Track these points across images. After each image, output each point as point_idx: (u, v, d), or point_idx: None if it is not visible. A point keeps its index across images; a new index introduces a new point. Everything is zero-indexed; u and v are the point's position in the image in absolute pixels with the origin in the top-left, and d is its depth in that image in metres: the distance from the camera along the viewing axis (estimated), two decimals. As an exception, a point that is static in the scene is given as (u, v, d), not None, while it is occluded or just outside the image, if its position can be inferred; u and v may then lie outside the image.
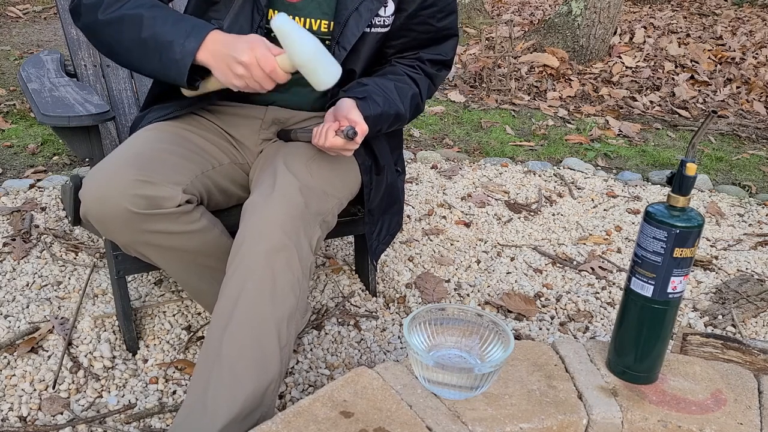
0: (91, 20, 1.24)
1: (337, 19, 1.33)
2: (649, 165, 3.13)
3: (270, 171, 1.27)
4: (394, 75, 1.43)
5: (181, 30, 1.17)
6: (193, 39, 1.17)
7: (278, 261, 1.15)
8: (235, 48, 1.15)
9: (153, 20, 1.19)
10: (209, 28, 1.18)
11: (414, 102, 1.44)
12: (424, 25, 1.44)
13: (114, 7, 1.22)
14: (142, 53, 1.21)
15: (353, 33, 1.33)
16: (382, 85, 1.38)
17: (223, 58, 1.16)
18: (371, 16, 1.34)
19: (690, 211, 1.06)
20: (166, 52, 1.17)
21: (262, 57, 1.14)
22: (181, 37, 1.17)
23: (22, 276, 1.86)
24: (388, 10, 1.37)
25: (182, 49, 1.16)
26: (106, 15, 1.22)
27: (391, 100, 1.37)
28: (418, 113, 1.50)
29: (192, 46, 1.16)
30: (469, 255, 2.16)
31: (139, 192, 1.16)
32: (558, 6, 6.22)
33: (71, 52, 1.79)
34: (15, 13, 5.26)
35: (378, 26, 1.37)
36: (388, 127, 1.41)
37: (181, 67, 1.17)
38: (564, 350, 1.22)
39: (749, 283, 2.05)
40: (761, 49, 5.12)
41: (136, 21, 1.20)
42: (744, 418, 1.08)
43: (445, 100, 3.89)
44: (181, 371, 1.54)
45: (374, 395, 1.07)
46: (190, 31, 1.17)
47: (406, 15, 1.40)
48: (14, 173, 2.55)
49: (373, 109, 1.32)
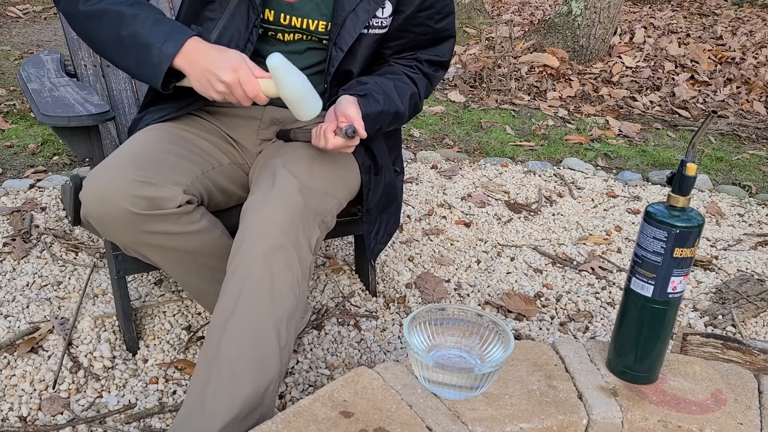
0: (72, 9, 1.25)
1: (334, 20, 1.33)
2: (649, 165, 3.13)
3: (269, 171, 1.27)
4: (393, 74, 1.43)
5: (159, 33, 1.18)
6: (171, 44, 1.17)
7: (277, 261, 1.14)
8: (217, 65, 1.15)
9: (133, 19, 1.19)
10: (188, 34, 1.19)
11: (413, 101, 1.45)
12: (423, 27, 1.44)
13: (95, 0, 1.22)
14: (120, 51, 1.21)
15: (350, 34, 1.33)
16: (382, 83, 1.38)
17: (203, 72, 1.17)
18: (368, 18, 1.34)
19: (690, 211, 1.06)
20: (144, 53, 1.18)
21: (246, 81, 1.16)
22: (159, 41, 1.17)
23: (22, 276, 1.86)
24: (386, 11, 1.37)
25: (159, 53, 1.17)
26: (87, 6, 1.22)
27: (391, 98, 1.37)
28: (416, 113, 1.50)
29: (169, 51, 1.17)
30: (469, 255, 2.16)
31: (139, 193, 1.16)
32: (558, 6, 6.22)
33: (71, 52, 1.79)
34: (15, 13, 5.26)
35: (375, 27, 1.37)
36: (388, 126, 1.41)
37: (158, 71, 1.18)
38: (564, 350, 1.22)
39: (749, 283, 2.05)
40: (761, 49, 5.12)
41: (116, 17, 1.20)
42: (744, 418, 1.08)
43: (445, 100, 3.89)
44: (181, 371, 1.54)
45: (374, 395, 1.07)
46: (168, 35, 1.18)
47: (404, 17, 1.40)
48: (14, 173, 2.55)
49: (373, 107, 1.32)
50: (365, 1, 1.32)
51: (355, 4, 1.32)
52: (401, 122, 1.45)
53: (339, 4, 1.32)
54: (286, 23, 1.34)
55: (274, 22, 1.34)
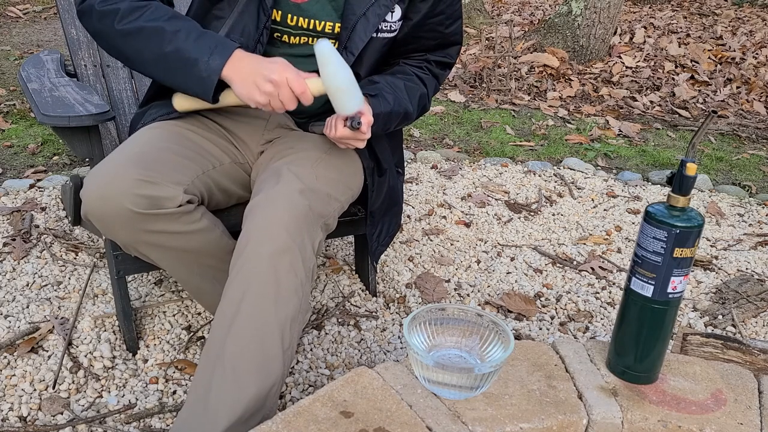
0: (106, 29, 1.24)
1: (345, 24, 1.33)
2: (649, 165, 3.13)
3: (274, 172, 1.27)
4: (404, 75, 1.44)
5: (204, 47, 1.19)
6: (217, 56, 1.18)
7: (282, 263, 1.14)
8: (265, 67, 1.18)
9: (175, 35, 1.19)
10: (233, 47, 1.20)
11: (422, 102, 1.46)
12: (433, 32, 1.45)
13: (131, 18, 1.21)
14: (164, 67, 1.22)
15: (361, 38, 1.33)
16: (392, 83, 1.39)
17: (250, 74, 1.18)
18: (378, 21, 1.34)
19: (690, 211, 1.06)
20: (191, 68, 1.19)
21: (294, 79, 1.17)
22: (205, 54, 1.18)
23: (22, 276, 1.86)
24: (395, 15, 1.37)
25: (207, 67, 1.18)
26: (123, 25, 1.21)
27: (401, 98, 1.38)
28: (423, 113, 1.52)
29: (217, 64, 1.18)
30: (469, 255, 2.16)
31: (140, 192, 1.16)
32: (558, 6, 6.21)
33: (71, 52, 1.79)
34: (15, 13, 5.25)
35: (384, 31, 1.38)
36: (396, 126, 1.42)
37: (208, 84, 1.19)
38: (564, 350, 1.22)
39: (749, 283, 2.05)
40: (761, 49, 5.12)
41: (157, 34, 1.20)
42: (744, 418, 1.08)
43: (445, 100, 3.89)
44: (181, 371, 1.54)
45: (374, 395, 1.07)
46: (214, 48, 1.19)
47: (414, 23, 1.41)
48: (14, 173, 2.55)
49: (383, 106, 1.32)
50: (375, 5, 1.32)
51: (365, 8, 1.32)
52: (409, 122, 1.47)
53: (349, 8, 1.32)
54: (293, 24, 1.34)
55: (281, 23, 1.34)
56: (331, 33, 1.35)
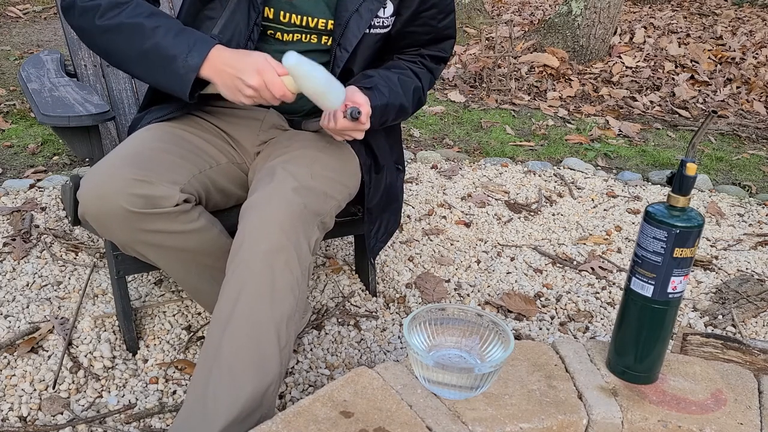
0: (87, 24, 1.24)
1: (338, 21, 1.33)
2: (649, 165, 3.13)
3: (269, 171, 1.27)
4: (397, 69, 1.45)
5: (183, 44, 1.18)
6: (196, 54, 1.17)
7: (278, 262, 1.14)
8: (242, 70, 1.16)
9: (154, 31, 1.19)
10: (211, 44, 1.19)
11: (417, 95, 1.46)
12: (426, 27, 1.45)
13: (112, 14, 1.21)
14: (144, 63, 1.21)
15: (354, 35, 1.34)
16: (387, 77, 1.39)
17: (230, 78, 1.18)
18: (371, 17, 1.34)
19: (690, 211, 1.06)
20: (169, 65, 1.18)
21: (272, 83, 1.16)
22: (183, 52, 1.18)
23: (22, 276, 1.86)
24: (387, 11, 1.37)
25: (185, 64, 1.17)
26: (103, 21, 1.21)
27: (396, 92, 1.38)
28: (420, 106, 1.51)
29: (195, 62, 1.17)
30: (469, 255, 2.16)
31: (136, 191, 1.16)
32: (558, 6, 6.21)
33: (71, 52, 1.79)
34: (15, 13, 5.25)
35: (377, 27, 1.38)
36: (393, 120, 1.42)
37: (185, 82, 1.18)
38: (564, 350, 1.22)
39: (749, 283, 2.05)
40: (761, 49, 5.12)
41: (136, 30, 1.19)
42: (744, 418, 1.08)
43: (445, 100, 3.89)
44: (181, 371, 1.54)
45: (374, 395, 1.07)
46: (193, 45, 1.18)
47: (406, 18, 1.41)
48: (14, 173, 2.55)
49: (379, 99, 1.33)
50: (368, 1, 1.33)
51: (358, 4, 1.32)
52: (406, 116, 1.47)
53: (342, 4, 1.32)
54: (286, 21, 1.34)
55: (274, 19, 1.34)
56: (324, 29, 1.35)
